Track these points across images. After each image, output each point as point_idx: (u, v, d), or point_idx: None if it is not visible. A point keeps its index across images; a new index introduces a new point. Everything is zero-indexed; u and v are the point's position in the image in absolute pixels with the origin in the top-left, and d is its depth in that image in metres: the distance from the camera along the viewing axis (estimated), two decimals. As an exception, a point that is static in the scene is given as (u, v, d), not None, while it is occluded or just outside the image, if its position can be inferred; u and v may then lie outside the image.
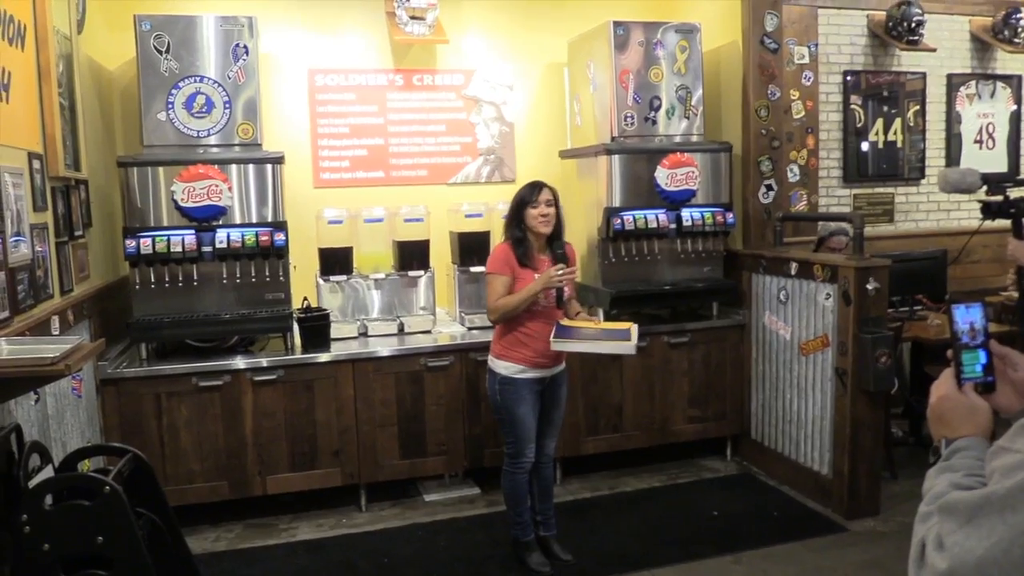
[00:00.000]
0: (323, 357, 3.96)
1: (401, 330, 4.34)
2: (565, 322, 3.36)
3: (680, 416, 4.53)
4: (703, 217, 4.40)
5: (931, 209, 5.27)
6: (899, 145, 5.15)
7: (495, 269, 3.34)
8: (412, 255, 4.41)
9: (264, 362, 3.88)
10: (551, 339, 3.26)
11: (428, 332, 4.34)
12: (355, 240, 4.40)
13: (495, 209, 4.50)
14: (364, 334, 4.30)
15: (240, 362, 3.85)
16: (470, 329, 4.41)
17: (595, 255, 4.48)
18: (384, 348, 4.06)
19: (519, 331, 3.33)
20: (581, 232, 4.63)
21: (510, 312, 3.28)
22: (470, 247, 4.48)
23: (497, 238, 3.72)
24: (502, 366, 3.37)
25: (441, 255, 4.67)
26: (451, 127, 5.02)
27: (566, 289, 3.34)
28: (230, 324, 3.89)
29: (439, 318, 4.56)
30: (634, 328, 3.38)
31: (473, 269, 4.47)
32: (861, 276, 3.77)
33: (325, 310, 4.15)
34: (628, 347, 3.30)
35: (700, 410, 4.57)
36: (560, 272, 3.25)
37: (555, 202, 3.37)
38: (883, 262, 3.83)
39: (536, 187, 3.35)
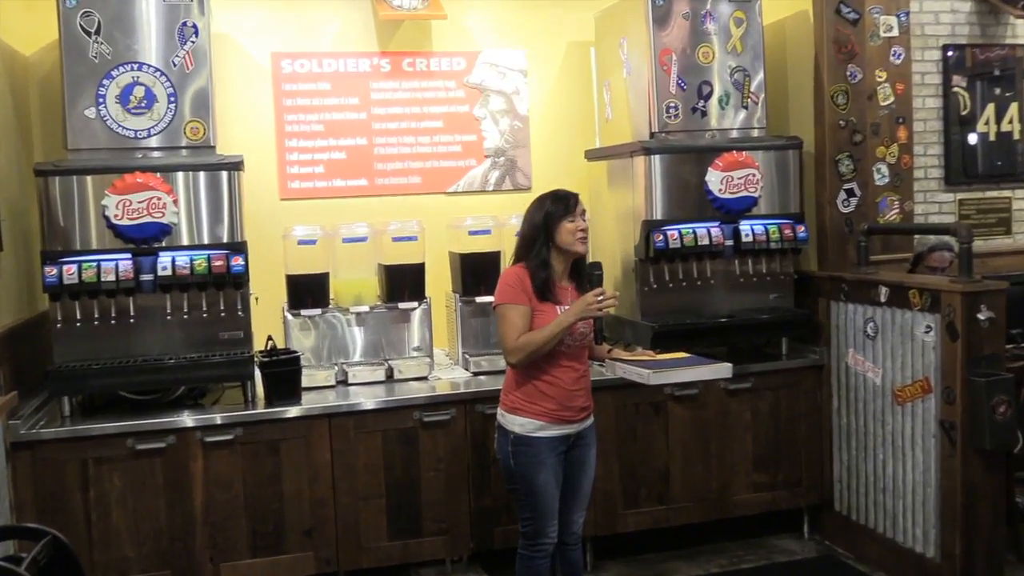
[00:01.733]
0: (292, 412, 3.96)
1: (390, 377, 4.34)
2: (620, 354, 3.53)
3: (743, 483, 4.51)
4: (767, 231, 4.41)
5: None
6: (1016, 137, 5.12)
7: (509, 298, 3.34)
8: (403, 282, 4.41)
9: (218, 419, 3.88)
10: (651, 372, 3.37)
11: (424, 379, 4.34)
12: (332, 265, 4.40)
13: (506, 224, 4.51)
14: (343, 382, 4.30)
15: (188, 419, 3.84)
16: (476, 375, 4.40)
17: (631, 281, 4.48)
18: (369, 399, 4.05)
19: (541, 378, 3.34)
20: (613, 251, 4.66)
21: (539, 351, 3.28)
22: (476, 272, 4.47)
23: (509, 259, 3.69)
24: (517, 422, 3.37)
25: (439, 282, 4.67)
26: (451, 123, 5.04)
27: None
28: (175, 371, 3.88)
29: (437, 361, 4.56)
30: (693, 356, 3.59)
31: (479, 299, 4.47)
32: (970, 303, 3.75)
33: (295, 352, 4.15)
34: (725, 369, 3.52)
35: (768, 475, 4.54)
36: (601, 298, 3.25)
37: (585, 216, 3.43)
38: (998, 285, 3.81)
39: (569, 197, 3.39)
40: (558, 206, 3.35)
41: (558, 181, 3.88)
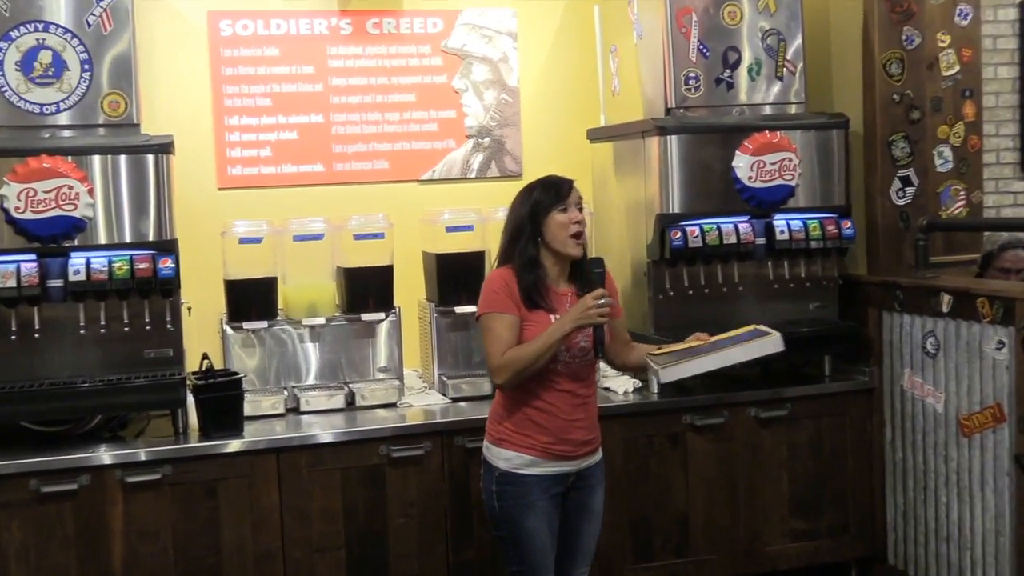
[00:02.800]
0: (232, 446, 3.94)
1: (351, 403, 4.35)
2: (657, 349, 3.52)
3: (777, 531, 4.51)
4: (806, 227, 4.42)
5: None
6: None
7: (494, 306, 3.36)
8: (367, 289, 4.42)
9: (142, 454, 3.85)
10: (660, 370, 3.37)
11: (392, 406, 4.36)
12: (281, 268, 4.40)
13: (492, 219, 4.50)
14: (295, 410, 4.32)
15: (105, 455, 3.81)
16: (455, 401, 4.41)
17: (642, 287, 4.50)
18: (325, 431, 4.06)
19: (533, 404, 3.36)
20: (621, 251, 4.67)
21: (528, 368, 3.28)
22: (455, 276, 4.49)
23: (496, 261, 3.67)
24: (503, 456, 3.38)
25: (411, 289, 4.68)
26: (425, 96, 5.03)
27: (606, 331, 3.37)
28: (90, 397, 3.87)
29: (408, 384, 4.57)
30: (761, 327, 3.57)
31: (460, 309, 4.48)
32: (1053, 314, 3.77)
33: (236, 374, 4.15)
34: (772, 342, 3.46)
35: (808, 521, 4.55)
36: (603, 301, 3.25)
37: (582, 207, 3.44)
38: (1087, 292, 3.83)
39: (561, 184, 3.41)
40: (547, 194, 3.37)
41: (554, 167, 3.84)
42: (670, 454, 4.35)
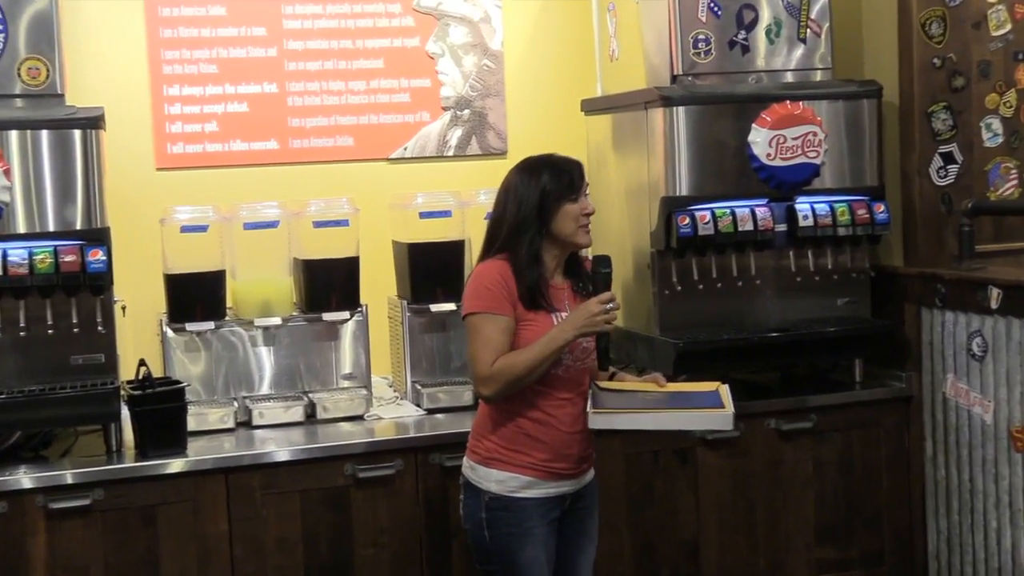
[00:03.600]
0: (174, 465, 3.92)
1: (311, 416, 4.35)
2: (608, 384, 3.51)
3: (802, 560, 4.51)
4: (833, 211, 4.41)
5: None
6: None
7: (487, 305, 3.34)
8: (329, 284, 4.41)
9: (68, 476, 3.82)
10: (588, 411, 3.37)
11: (358, 419, 4.36)
12: (229, 260, 4.39)
13: (473, 203, 4.52)
14: (247, 424, 4.31)
15: (25, 478, 3.78)
16: (431, 412, 4.41)
17: (645, 281, 4.49)
18: (282, 448, 4.05)
19: (528, 416, 3.37)
20: (621, 240, 4.66)
21: (524, 379, 3.29)
22: (430, 269, 4.49)
23: (477, 252, 3.70)
24: (494, 478, 3.37)
25: (380, 284, 4.69)
26: (395, 62, 5.02)
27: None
28: (8, 411, 3.86)
29: (377, 394, 4.58)
30: (724, 389, 3.49)
31: (436, 307, 4.47)
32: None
33: (178, 383, 4.13)
34: (720, 418, 3.41)
35: (837, 550, 4.55)
36: (610, 306, 3.28)
37: None
38: None
39: (573, 170, 3.42)
40: (559, 182, 3.36)
41: (544, 144, 3.83)
42: (678, 472, 4.34)
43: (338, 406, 4.34)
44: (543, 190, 3.35)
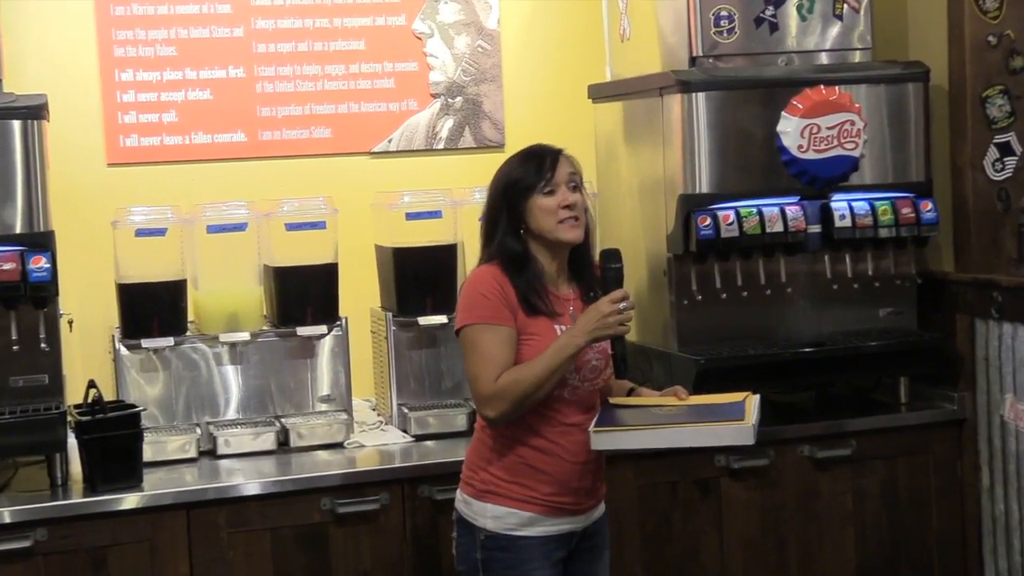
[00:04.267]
0: (128, 501, 3.90)
1: (284, 444, 4.36)
2: (620, 400, 3.54)
3: None
4: (874, 211, 4.42)
5: None
6: None
7: (483, 315, 3.35)
8: (304, 295, 4.43)
9: (7, 514, 3.78)
10: (590, 430, 3.35)
11: (338, 446, 4.36)
12: (191, 268, 4.39)
13: (466, 203, 4.54)
14: (211, 453, 4.30)
15: None
16: (419, 439, 4.42)
17: (661, 288, 4.52)
18: (251, 480, 4.05)
19: (531, 443, 3.38)
20: (634, 242, 4.65)
21: (533, 395, 3.29)
22: (418, 277, 4.51)
23: (471, 257, 3.85)
24: (491, 513, 3.38)
25: (361, 295, 4.71)
26: (377, 43, 5.05)
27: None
28: None
29: (359, 418, 4.61)
30: (752, 400, 3.50)
31: (425, 320, 4.47)
32: None
33: (134, 407, 4.09)
34: (735, 432, 3.36)
35: None
36: (623, 305, 3.28)
37: (580, 184, 3.43)
38: None
39: (544, 155, 3.42)
40: (526, 169, 3.40)
41: (547, 135, 3.77)
42: (699, 505, 4.33)
43: (314, 432, 4.34)
44: (508, 182, 3.41)
